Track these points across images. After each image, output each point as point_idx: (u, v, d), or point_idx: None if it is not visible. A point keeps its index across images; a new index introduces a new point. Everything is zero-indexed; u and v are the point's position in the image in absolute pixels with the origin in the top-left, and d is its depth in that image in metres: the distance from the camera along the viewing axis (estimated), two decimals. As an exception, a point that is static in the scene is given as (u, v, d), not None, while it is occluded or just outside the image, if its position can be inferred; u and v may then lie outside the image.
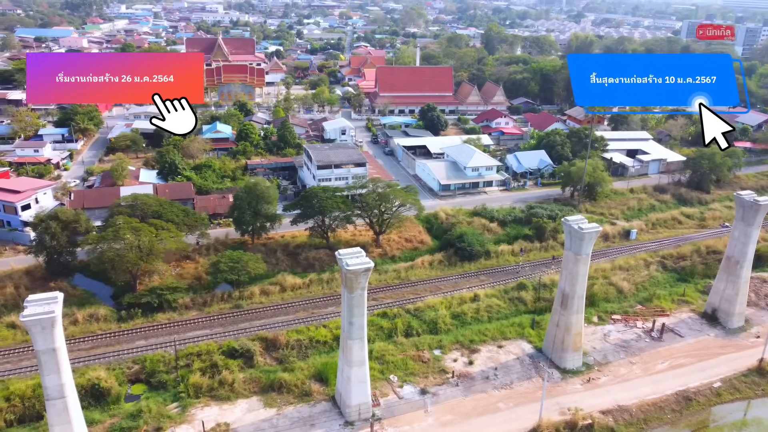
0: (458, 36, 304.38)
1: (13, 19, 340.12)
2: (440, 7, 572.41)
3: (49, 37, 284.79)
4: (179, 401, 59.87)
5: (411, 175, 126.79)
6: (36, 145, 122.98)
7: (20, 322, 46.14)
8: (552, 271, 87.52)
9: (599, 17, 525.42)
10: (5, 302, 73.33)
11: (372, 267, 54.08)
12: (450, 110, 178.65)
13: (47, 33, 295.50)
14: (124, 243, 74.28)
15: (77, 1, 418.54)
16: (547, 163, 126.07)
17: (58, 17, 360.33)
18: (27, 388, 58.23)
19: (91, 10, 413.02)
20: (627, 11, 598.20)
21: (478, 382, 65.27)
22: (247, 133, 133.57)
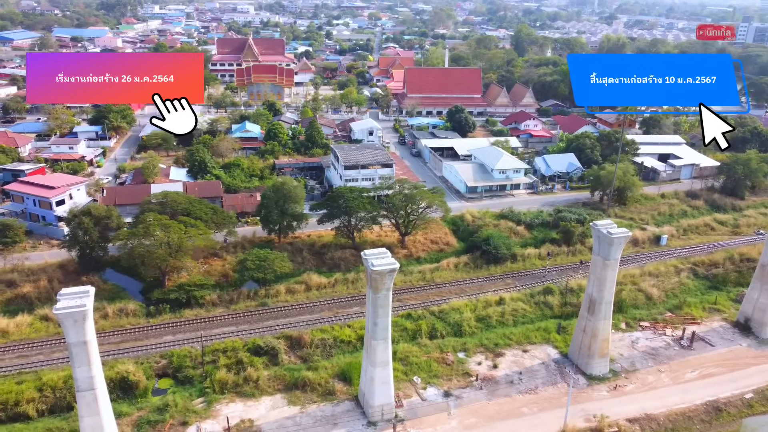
0: (487, 37, 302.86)
1: (50, 19, 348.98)
2: (470, 9, 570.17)
3: (85, 36, 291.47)
4: (205, 396, 60.66)
5: (437, 176, 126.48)
6: (71, 143, 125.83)
7: (53, 314, 47.26)
8: (579, 276, 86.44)
9: (632, 19, 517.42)
10: (39, 295, 75.20)
11: (397, 268, 54.08)
12: (478, 112, 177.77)
13: (83, 33, 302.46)
14: (154, 239, 75.57)
15: (112, 2, 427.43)
16: (576, 167, 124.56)
17: (93, 17, 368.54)
18: (58, 379, 59.64)
19: (126, 11, 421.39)
20: (661, 13, 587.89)
21: (502, 386, 64.78)
22: (276, 132, 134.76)
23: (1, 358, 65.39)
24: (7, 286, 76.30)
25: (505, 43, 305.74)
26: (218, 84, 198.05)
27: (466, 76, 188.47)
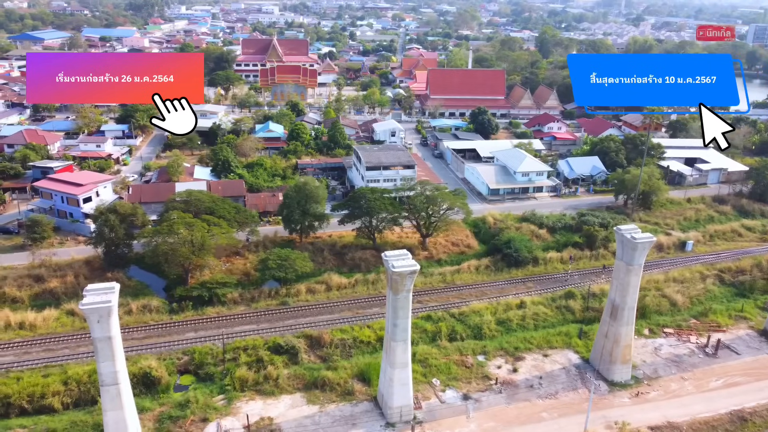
0: (512, 39, 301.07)
1: (80, 20, 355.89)
2: (494, 10, 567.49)
3: (113, 36, 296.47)
4: (225, 393, 61.28)
5: (460, 178, 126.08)
6: (98, 141, 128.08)
7: (79, 309, 48.15)
8: (602, 281, 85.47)
9: (660, 20, 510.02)
10: (66, 290, 76.69)
11: (418, 270, 54.06)
12: (501, 114, 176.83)
13: (111, 33, 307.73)
14: (178, 237, 76.57)
15: (140, 2, 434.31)
16: (600, 170, 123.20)
17: (122, 18, 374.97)
18: (83, 373, 60.76)
19: (153, 11, 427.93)
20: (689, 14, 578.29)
21: (521, 390, 64.34)
22: (299, 133, 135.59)
23: (29, 351, 66.84)
24: (35, 281, 77.95)
25: (530, 45, 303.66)
26: (242, 84, 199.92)
27: (490, 78, 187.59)
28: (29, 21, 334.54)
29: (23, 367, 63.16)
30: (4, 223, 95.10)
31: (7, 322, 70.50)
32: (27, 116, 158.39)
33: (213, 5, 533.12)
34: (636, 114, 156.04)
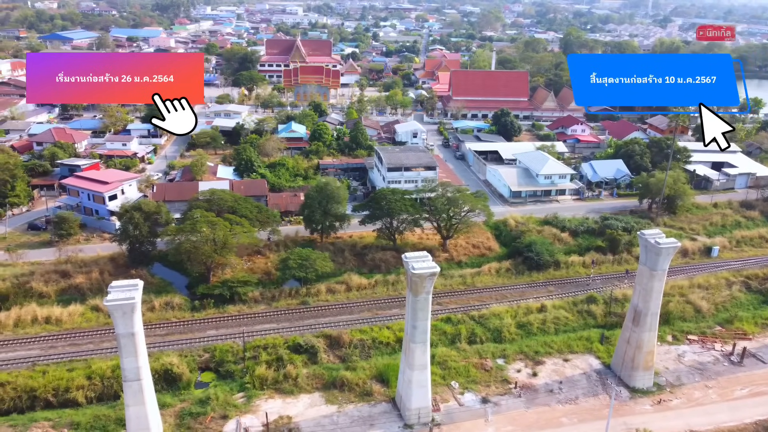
0: (536, 40, 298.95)
1: (108, 20, 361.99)
2: (518, 11, 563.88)
3: (140, 36, 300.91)
4: (245, 391, 61.82)
5: (481, 180, 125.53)
6: (124, 139, 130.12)
7: (104, 305, 48.99)
8: (625, 286, 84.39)
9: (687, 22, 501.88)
10: (91, 286, 78.06)
11: (438, 272, 53.95)
12: (524, 116, 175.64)
13: (138, 33, 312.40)
14: (201, 236, 77.49)
15: (167, 3, 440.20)
16: (624, 174, 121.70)
17: (148, 18, 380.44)
18: (107, 368, 61.79)
19: (179, 12, 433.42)
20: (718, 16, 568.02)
21: (541, 394, 63.82)
22: (321, 133, 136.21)
23: (54, 345, 68.16)
24: (62, 277, 79.46)
25: (554, 46, 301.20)
26: (266, 84, 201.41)
27: (513, 80, 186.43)
28: (59, 21, 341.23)
29: (49, 361, 64.42)
30: (33, 220, 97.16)
31: (34, 316, 72.04)
32: (56, 115, 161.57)
33: (238, 6, 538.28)
34: (662, 116, 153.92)
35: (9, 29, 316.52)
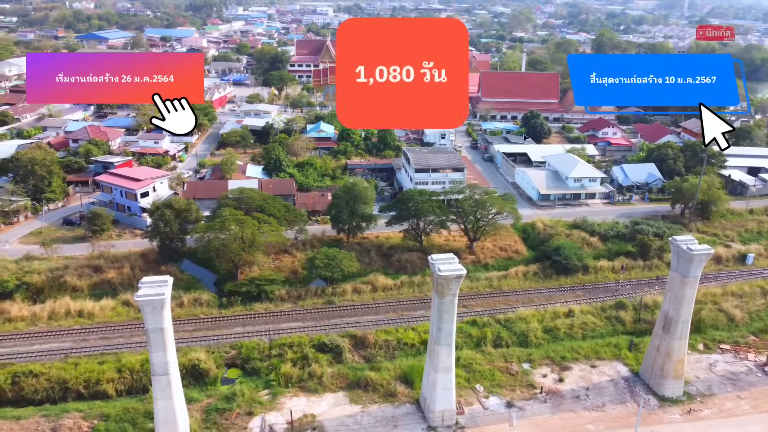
0: (567, 41, 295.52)
1: (143, 20, 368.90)
2: (550, 12, 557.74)
3: (173, 36, 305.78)
4: (270, 389, 62.41)
5: (509, 182, 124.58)
6: (156, 138, 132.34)
7: (134, 300, 49.93)
8: (655, 292, 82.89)
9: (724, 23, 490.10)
10: (122, 281, 79.65)
11: (464, 274, 53.75)
12: (554, 118, 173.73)
13: (171, 33, 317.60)
14: (229, 234, 78.44)
15: (200, 3, 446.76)
16: (656, 178, 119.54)
17: (182, 18, 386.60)
18: (136, 362, 63.02)
19: (212, 12, 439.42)
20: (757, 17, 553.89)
21: (567, 400, 63.07)
22: (349, 133, 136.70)
23: (86, 338, 69.75)
24: (94, 271, 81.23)
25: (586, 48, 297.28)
26: (295, 84, 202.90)
27: (543, 81, 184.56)
28: (95, 21, 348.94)
29: (81, 354, 65.95)
30: (68, 215, 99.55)
31: (68, 309, 73.83)
32: (91, 113, 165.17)
33: (269, 6, 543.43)
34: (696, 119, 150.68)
35: (48, 29, 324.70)
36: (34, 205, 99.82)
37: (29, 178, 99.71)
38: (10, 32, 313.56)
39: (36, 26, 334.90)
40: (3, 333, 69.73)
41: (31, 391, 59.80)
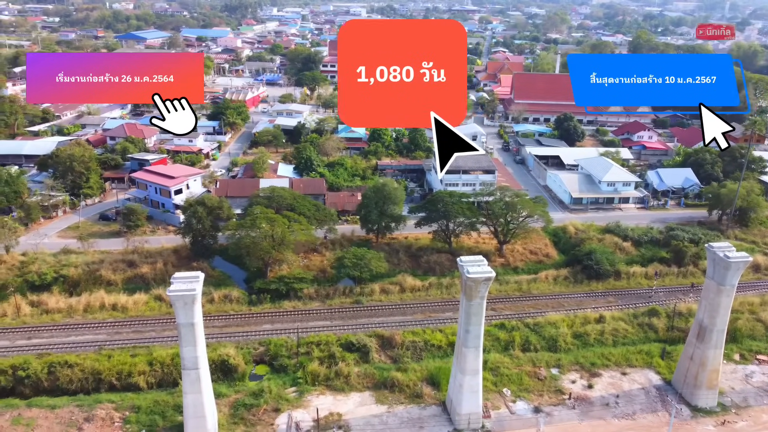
0: (603, 43, 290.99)
1: (179, 20, 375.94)
2: (585, 13, 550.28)
3: (209, 37, 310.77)
4: (297, 386, 62.86)
5: (541, 185, 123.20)
6: (190, 136, 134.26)
7: (167, 295, 50.85)
8: (690, 300, 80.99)
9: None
10: (155, 276, 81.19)
11: (493, 277, 53.35)
12: (588, 120, 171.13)
13: (207, 33, 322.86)
14: (260, 231, 79.28)
15: (235, 4, 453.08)
16: (693, 183, 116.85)
17: (217, 18, 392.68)
18: (167, 356, 64.16)
19: (247, 12, 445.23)
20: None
21: (596, 407, 62.04)
22: (380, 134, 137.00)
23: (119, 331, 71.33)
24: (128, 266, 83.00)
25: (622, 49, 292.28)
26: (328, 84, 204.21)
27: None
28: (134, 22, 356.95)
29: (114, 346, 67.48)
30: (104, 210, 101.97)
31: (102, 303, 75.63)
32: (128, 111, 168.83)
33: (303, 7, 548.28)
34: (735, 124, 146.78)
35: (88, 29, 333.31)
36: (72, 201, 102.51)
37: (68, 174, 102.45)
38: (52, 32, 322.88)
39: (77, 26, 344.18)
40: (41, 324, 71.80)
41: (66, 381, 61.37)
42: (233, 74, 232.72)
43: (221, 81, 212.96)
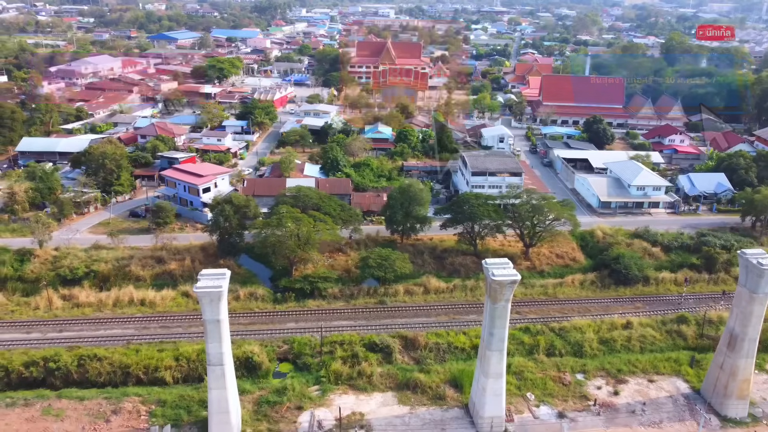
0: (634, 45, 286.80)
1: (210, 21, 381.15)
2: (617, 14, 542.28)
3: (238, 37, 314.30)
4: (320, 385, 63.14)
5: (569, 188, 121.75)
6: (219, 135, 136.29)
7: (193, 292, 51.54)
8: (721, 307, 79.21)
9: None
10: (182, 273, 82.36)
11: (518, 280, 52.93)
12: (618, 123, 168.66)
13: (237, 34, 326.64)
14: (286, 230, 79.84)
15: (264, 5, 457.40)
16: (725, 188, 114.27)
17: (247, 19, 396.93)
18: (193, 351, 65.02)
19: (276, 14, 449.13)
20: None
21: (622, 414, 61.07)
22: (406, 135, 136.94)
23: (147, 326, 72.53)
24: (157, 262, 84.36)
25: (654, 52, 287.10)
26: (355, 85, 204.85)
27: (608, 86, 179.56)
28: (166, 22, 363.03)
29: (141, 341, 68.65)
30: (134, 207, 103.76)
31: (131, 298, 77.06)
32: (159, 110, 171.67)
33: (332, 8, 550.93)
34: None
35: (122, 29, 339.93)
36: (104, 197, 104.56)
37: (100, 171, 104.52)
38: (87, 32, 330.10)
39: (111, 27, 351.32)
40: (71, 317, 73.41)
41: (95, 374, 62.64)
42: (262, 74, 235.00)
43: (250, 81, 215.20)
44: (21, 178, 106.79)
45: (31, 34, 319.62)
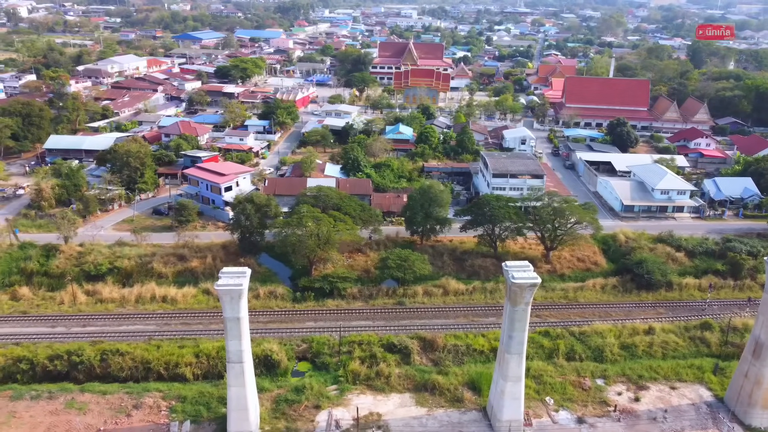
0: (660, 47, 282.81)
1: (234, 21, 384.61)
2: (642, 16, 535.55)
3: (262, 38, 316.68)
4: (338, 384, 63.34)
5: (591, 192, 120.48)
6: (241, 134, 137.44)
7: (214, 289, 52.07)
8: (746, 314, 77.76)
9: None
10: (204, 270, 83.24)
11: (539, 283, 52.53)
12: (642, 126, 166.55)
13: (260, 34, 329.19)
14: (306, 230, 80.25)
15: (288, 5, 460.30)
16: (753, 193, 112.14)
17: (270, 20, 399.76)
18: (213, 348, 65.69)
19: (299, 14, 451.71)
20: None
21: (642, 421, 60.27)
22: (427, 136, 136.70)
23: (168, 323, 73.44)
24: (179, 260, 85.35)
25: (681, 54, 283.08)
26: (377, 86, 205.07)
27: (632, 88, 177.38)
28: (191, 22, 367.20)
29: (163, 337, 69.54)
30: (157, 205, 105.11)
31: (153, 294, 78.11)
32: (183, 109, 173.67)
33: (354, 9, 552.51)
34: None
35: (147, 29, 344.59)
36: (128, 195, 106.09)
37: (124, 169, 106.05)
38: (114, 32, 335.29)
39: (137, 27, 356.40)
40: (95, 312, 74.66)
41: (117, 369, 63.60)
42: (284, 75, 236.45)
43: (272, 81, 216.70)
44: (48, 175, 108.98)
45: (59, 33, 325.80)
